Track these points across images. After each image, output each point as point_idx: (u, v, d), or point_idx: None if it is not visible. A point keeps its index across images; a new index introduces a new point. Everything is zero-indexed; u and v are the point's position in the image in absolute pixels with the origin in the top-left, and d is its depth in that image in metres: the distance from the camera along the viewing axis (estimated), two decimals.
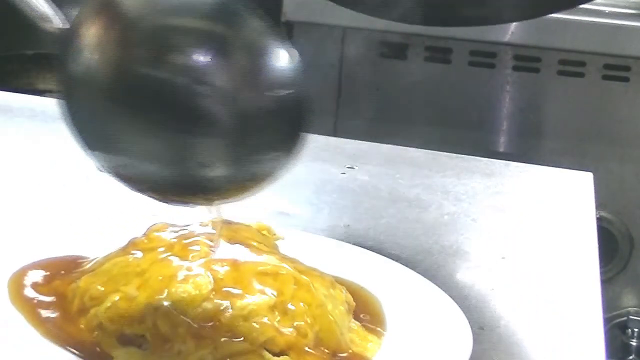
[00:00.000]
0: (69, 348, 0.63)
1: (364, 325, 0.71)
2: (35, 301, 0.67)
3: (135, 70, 0.59)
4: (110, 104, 0.59)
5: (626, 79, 1.62)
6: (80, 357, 0.63)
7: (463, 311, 0.73)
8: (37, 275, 0.71)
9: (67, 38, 0.60)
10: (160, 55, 0.58)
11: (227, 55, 0.59)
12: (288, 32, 1.66)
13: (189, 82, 0.58)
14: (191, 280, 0.66)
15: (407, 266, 0.80)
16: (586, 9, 1.62)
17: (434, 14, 0.79)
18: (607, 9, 1.63)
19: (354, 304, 0.71)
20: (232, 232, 0.72)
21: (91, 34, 0.59)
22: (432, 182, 1.04)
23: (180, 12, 0.60)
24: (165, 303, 0.64)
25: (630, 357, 1.66)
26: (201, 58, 0.58)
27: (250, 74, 0.60)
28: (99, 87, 0.59)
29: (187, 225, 0.73)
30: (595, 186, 1.06)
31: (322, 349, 0.66)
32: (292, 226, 0.88)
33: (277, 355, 0.64)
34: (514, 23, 1.58)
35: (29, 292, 0.68)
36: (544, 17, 1.50)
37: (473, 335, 0.70)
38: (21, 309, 0.66)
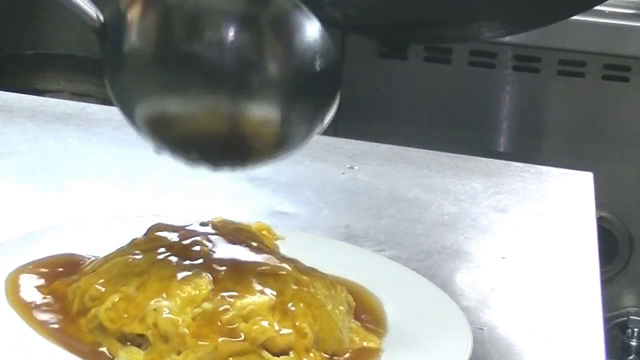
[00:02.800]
0: (69, 348, 0.63)
1: (364, 326, 0.71)
2: (35, 302, 0.67)
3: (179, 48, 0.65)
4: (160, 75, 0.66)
5: (626, 79, 1.62)
6: (80, 357, 0.63)
7: (463, 311, 0.73)
8: (37, 276, 0.71)
9: (113, 22, 0.66)
10: (203, 33, 0.65)
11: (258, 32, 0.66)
12: None
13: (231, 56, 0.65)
14: (191, 280, 0.66)
15: (407, 266, 0.80)
16: None
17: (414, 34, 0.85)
18: (607, 9, 1.62)
19: (354, 304, 0.71)
20: (232, 232, 0.72)
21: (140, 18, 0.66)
22: (432, 182, 1.04)
23: None
24: (165, 303, 0.64)
25: (630, 357, 1.66)
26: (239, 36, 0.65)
27: (286, 48, 0.66)
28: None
29: (187, 225, 0.73)
30: (595, 186, 1.06)
31: (322, 349, 0.66)
32: (292, 226, 0.88)
33: (277, 355, 0.64)
34: None
35: (29, 293, 0.68)
36: None
37: (473, 335, 0.70)
38: (21, 309, 0.66)
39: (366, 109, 1.68)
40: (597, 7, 1.62)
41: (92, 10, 0.66)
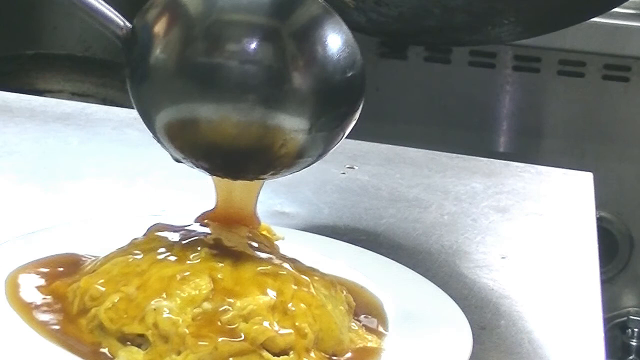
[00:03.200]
0: (69, 348, 0.63)
1: (364, 326, 0.71)
2: (35, 302, 0.67)
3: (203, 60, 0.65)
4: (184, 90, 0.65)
5: (626, 79, 1.62)
6: (80, 357, 0.63)
7: (463, 311, 0.73)
8: (38, 276, 0.70)
9: (137, 33, 0.66)
10: (224, 45, 0.65)
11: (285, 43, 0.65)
12: None
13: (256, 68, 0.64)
14: (191, 280, 0.66)
15: (407, 266, 0.80)
16: None
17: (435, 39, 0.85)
18: None
19: (354, 304, 0.71)
20: (232, 231, 0.72)
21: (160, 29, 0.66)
22: (432, 182, 1.04)
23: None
24: (165, 303, 0.64)
25: (630, 357, 1.66)
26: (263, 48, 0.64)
27: (314, 57, 0.66)
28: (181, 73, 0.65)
29: (187, 226, 0.73)
30: (595, 186, 1.06)
31: (322, 349, 0.66)
32: (292, 226, 0.88)
33: (277, 355, 0.64)
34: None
35: (29, 293, 0.68)
36: None
37: (473, 335, 0.70)
38: (21, 309, 0.66)
39: (366, 109, 1.68)
40: None
41: (119, 20, 0.66)
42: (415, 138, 1.43)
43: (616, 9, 1.61)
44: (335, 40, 0.66)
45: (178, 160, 0.68)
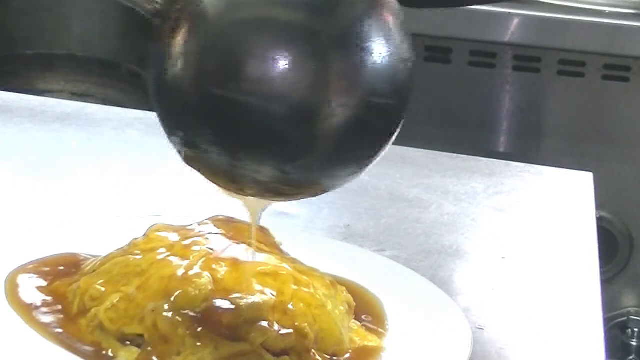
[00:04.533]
0: (69, 348, 0.63)
1: (364, 326, 0.71)
2: (36, 302, 0.67)
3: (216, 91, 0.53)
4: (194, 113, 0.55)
5: (626, 79, 1.62)
6: (80, 357, 0.63)
7: (463, 311, 0.73)
8: (38, 276, 0.71)
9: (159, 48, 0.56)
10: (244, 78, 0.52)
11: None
12: None
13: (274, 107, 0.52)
14: (191, 280, 0.66)
15: (407, 266, 0.80)
16: (586, 9, 1.62)
17: None
18: (607, 9, 1.62)
19: (354, 304, 0.71)
20: (232, 231, 0.72)
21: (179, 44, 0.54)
22: (432, 182, 1.04)
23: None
24: (165, 303, 0.64)
25: (630, 357, 1.66)
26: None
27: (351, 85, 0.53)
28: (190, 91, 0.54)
29: (187, 225, 0.73)
30: (595, 186, 1.06)
31: (322, 349, 0.66)
32: (292, 226, 0.88)
33: (277, 355, 0.64)
34: (514, 23, 1.58)
35: (29, 293, 0.68)
36: (544, 16, 1.50)
37: (473, 335, 0.70)
38: (21, 309, 0.66)
39: None
40: (597, 7, 1.62)
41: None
42: (415, 138, 1.43)
43: (616, 9, 1.62)
44: (383, 52, 0.53)
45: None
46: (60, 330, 0.65)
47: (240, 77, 0.52)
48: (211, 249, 0.69)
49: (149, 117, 0.84)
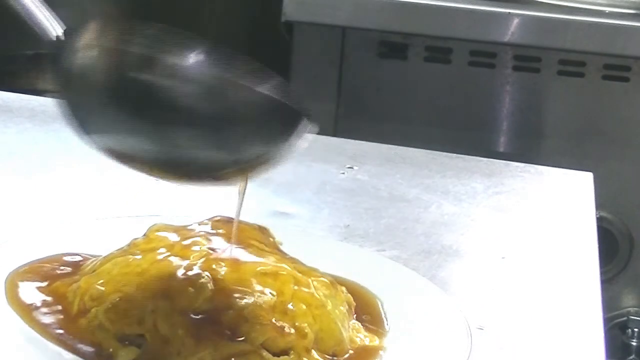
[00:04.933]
0: (69, 348, 0.63)
1: (364, 326, 0.71)
2: (36, 302, 0.67)
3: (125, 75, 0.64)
4: (103, 100, 0.66)
5: (626, 79, 1.62)
6: (80, 357, 0.63)
7: (463, 311, 0.73)
8: (38, 276, 0.70)
9: (66, 44, 0.68)
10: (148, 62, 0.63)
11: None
12: (288, 32, 1.65)
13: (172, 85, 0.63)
14: (191, 280, 0.66)
15: (407, 266, 0.80)
16: (586, 9, 1.62)
17: None
18: (607, 9, 1.62)
19: (354, 304, 0.71)
20: (232, 231, 0.72)
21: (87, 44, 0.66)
22: (432, 182, 1.04)
23: None
24: (165, 303, 0.64)
25: (630, 357, 1.66)
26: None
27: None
28: (95, 85, 0.66)
29: (187, 225, 0.73)
30: (595, 186, 1.06)
31: (322, 349, 0.66)
32: (292, 226, 0.88)
33: (277, 355, 0.64)
34: (514, 23, 1.58)
35: (29, 293, 0.68)
36: (544, 16, 1.51)
37: (473, 335, 0.70)
38: (21, 309, 0.66)
39: (366, 109, 1.68)
40: (597, 7, 1.62)
41: (53, 28, 0.68)
42: (415, 138, 1.43)
43: (616, 9, 1.62)
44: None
45: None
46: (60, 331, 0.65)
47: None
48: (211, 249, 0.69)
49: None
